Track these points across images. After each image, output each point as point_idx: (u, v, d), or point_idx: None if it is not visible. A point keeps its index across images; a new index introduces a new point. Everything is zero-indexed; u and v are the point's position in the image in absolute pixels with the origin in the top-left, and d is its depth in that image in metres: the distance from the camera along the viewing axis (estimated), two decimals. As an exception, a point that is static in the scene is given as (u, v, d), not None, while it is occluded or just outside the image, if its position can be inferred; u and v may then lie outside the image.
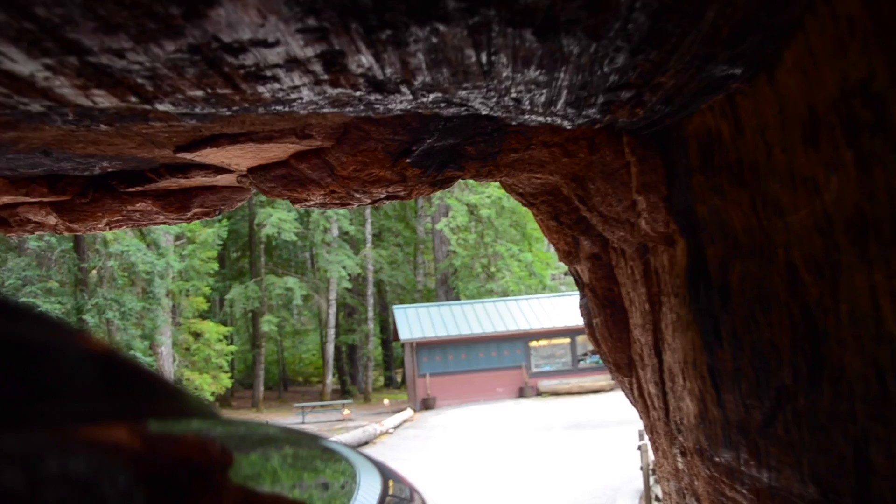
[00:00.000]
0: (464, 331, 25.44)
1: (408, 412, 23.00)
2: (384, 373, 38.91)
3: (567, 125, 1.90)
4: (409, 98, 1.59)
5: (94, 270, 19.70)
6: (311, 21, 1.13)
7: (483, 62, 1.35)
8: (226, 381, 25.07)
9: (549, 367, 26.06)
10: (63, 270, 19.54)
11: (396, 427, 20.63)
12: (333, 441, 1.71)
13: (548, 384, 25.19)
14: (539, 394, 25.25)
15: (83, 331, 0.95)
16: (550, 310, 26.37)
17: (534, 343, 26.01)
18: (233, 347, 28.22)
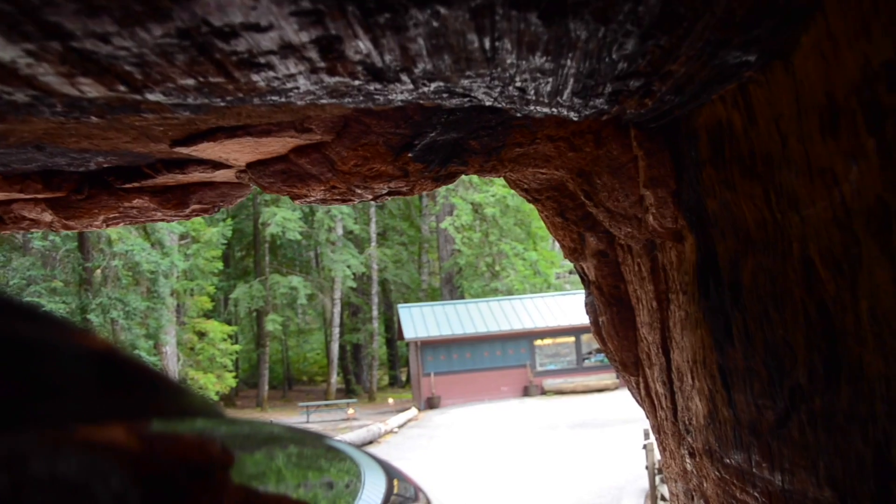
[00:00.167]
0: (468, 330, 25.39)
1: (412, 411, 22.96)
2: (389, 372, 38.92)
3: (573, 117, 1.84)
4: (410, 87, 1.53)
5: (99, 270, 19.72)
6: (306, 3, 1.08)
7: (486, 48, 1.29)
8: (230, 381, 25.08)
9: (554, 366, 25.99)
10: (67, 270, 19.57)
11: (401, 426, 20.60)
12: (338, 440, 1.72)
13: (552, 383, 25.12)
14: (544, 393, 25.18)
15: (84, 329, 0.92)
16: (555, 308, 26.29)
17: (538, 342, 25.94)
18: (237, 347, 28.25)
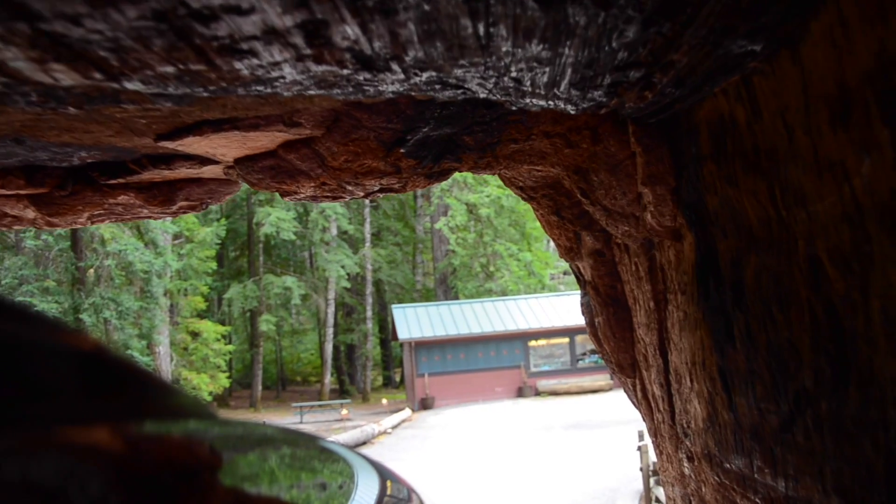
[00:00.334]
0: (462, 330, 25.32)
1: (406, 412, 22.88)
2: (383, 372, 38.81)
3: (571, 109, 1.78)
4: (401, 77, 1.47)
5: (92, 269, 19.60)
6: (289, -16, 1.02)
7: (481, 34, 1.23)
8: (224, 381, 24.97)
9: (548, 367, 25.95)
10: (60, 269, 19.45)
11: (395, 427, 20.51)
12: (331, 441, 1.71)
13: (546, 384, 25.07)
14: (538, 393, 25.14)
15: (73, 329, 0.87)
16: (549, 309, 26.25)
17: (533, 343, 25.90)
18: (231, 347, 28.12)
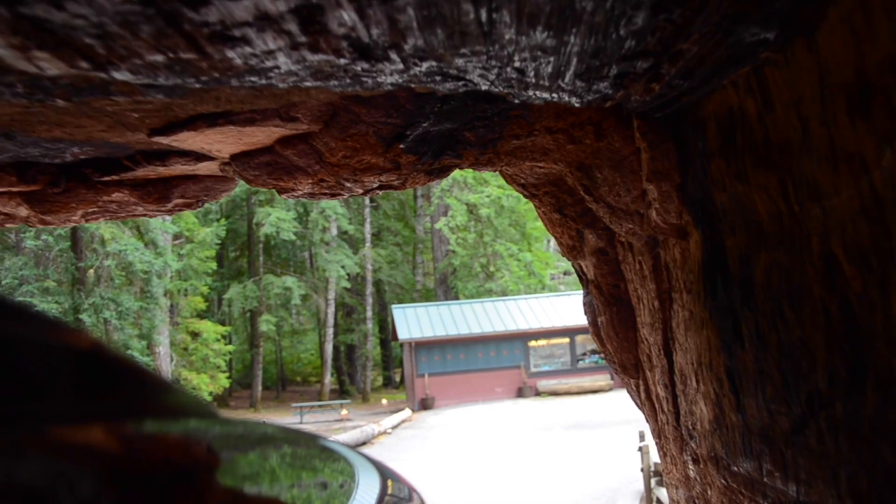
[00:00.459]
0: (462, 330, 25.25)
1: (406, 412, 22.82)
2: (383, 373, 38.73)
3: (575, 102, 1.72)
4: (401, 68, 1.41)
5: (92, 270, 19.54)
6: (282, -35, 0.97)
7: (483, 21, 1.18)
8: (224, 381, 24.90)
9: (548, 367, 25.88)
10: (60, 269, 19.39)
11: (395, 427, 20.46)
12: (332, 441, 1.69)
13: (547, 384, 25.01)
14: (538, 394, 25.07)
15: (68, 326, 0.82)
16: (549, 309, 26.19)
17: (533, 343, 25.83)
18: (231, 347, 28.05)
